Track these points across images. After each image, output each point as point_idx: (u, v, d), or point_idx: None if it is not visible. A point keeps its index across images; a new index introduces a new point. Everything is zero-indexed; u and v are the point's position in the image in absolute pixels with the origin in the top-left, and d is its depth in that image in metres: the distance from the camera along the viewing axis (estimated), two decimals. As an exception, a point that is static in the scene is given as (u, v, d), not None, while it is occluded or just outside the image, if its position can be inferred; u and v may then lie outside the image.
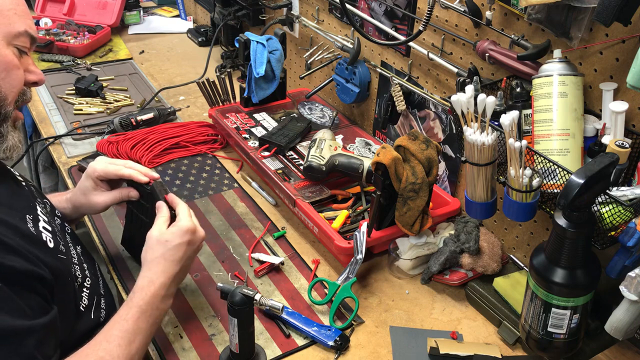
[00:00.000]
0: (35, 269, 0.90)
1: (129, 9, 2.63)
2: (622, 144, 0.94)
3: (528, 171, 1.02)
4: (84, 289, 1.08)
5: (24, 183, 1.10)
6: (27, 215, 0.99)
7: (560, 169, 1.02)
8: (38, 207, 1.06)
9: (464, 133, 1.09)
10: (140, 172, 1.20)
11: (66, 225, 1.18)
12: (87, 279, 1.10)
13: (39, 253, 0.93)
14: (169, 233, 1.09)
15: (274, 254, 1.37)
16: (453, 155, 1.48)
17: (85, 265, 1.11)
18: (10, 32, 0.97)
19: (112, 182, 1.24)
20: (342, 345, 1.14)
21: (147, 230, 1.12)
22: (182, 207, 1.14)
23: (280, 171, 1.53)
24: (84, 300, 1.06)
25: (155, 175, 1.21)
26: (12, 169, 1.10)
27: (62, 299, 0.98)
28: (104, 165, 1.22)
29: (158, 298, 1.05)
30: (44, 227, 1.01)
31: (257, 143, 1.64)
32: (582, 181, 0.87)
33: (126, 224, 1.31)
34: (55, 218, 1.14)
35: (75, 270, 1.06)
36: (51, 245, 0.99)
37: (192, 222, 1.12)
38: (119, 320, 1.00)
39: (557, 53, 1.08)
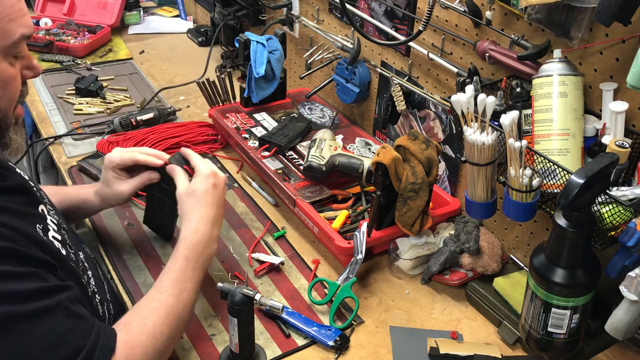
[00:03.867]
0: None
1: (129, 9, 2.63)
2: (622, 144, 0.94)
3: (528, 171, 1.02)
4: (96, 295, 1.08)
5: (34, 187, 1.08)
6: (37, 225, 0.98)
7: (560, 169, 1.02)
8: (48, 216, 1.04)
9: (464, 133, 1.09)
10: (156, 156, 1.25)
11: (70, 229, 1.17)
12: (92, 285, 1.09)
13: (53, 262, 0.94)
14: (193, 184, 1.16)
15: (274, 254, 1.37)
16: (453, 155, 1.48)
17: (90, 272, 1.10)
18: (5, 45, 0.89)
19: (132, 169, 1.27)
20: (342, 345, 1.14)
21: (169, 210, 1.20)
22: (195, 158, 1.20)
23: (280, 171, 1.53)
24: (98, 306, 1.07)
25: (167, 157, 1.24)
26: (21, 172, 1.08)
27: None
28: (119, 154, 1.25)
29: (202, 244, 1.11)
30: (53, 237, 1.00)
31: (257, 143, 1.64)
32: (582, 181, 0.87)
33: (147, 206, 1.36)
34: (62, 224, 1.12)
35: (85, 279, 1.05)
36: (63, 252, 0.99)
37: (209, 167, 1.18)
38: (168, 272, 1.05)
39: (557, 53, 1.08)
